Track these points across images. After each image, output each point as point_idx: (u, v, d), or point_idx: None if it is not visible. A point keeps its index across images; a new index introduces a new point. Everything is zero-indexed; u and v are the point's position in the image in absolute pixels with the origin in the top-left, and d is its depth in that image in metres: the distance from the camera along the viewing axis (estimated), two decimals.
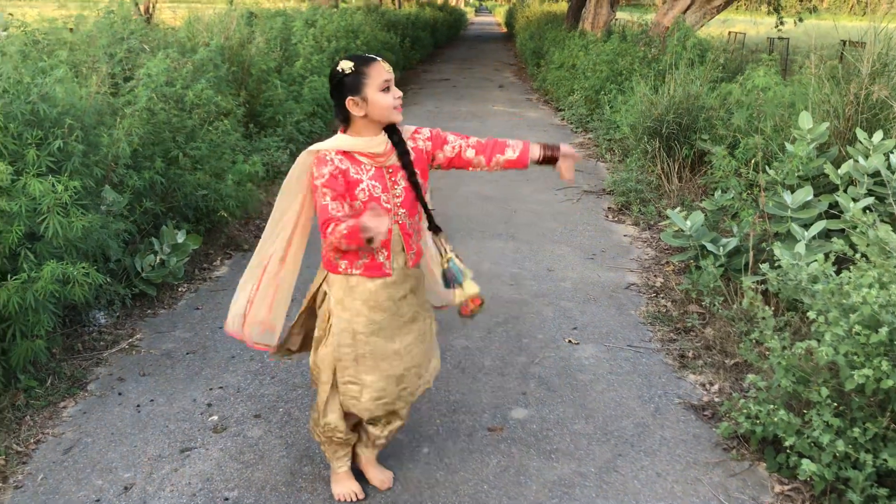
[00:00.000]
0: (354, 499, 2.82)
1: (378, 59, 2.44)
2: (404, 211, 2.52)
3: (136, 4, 9.70)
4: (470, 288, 2.65)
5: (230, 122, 5.97)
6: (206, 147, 5.34)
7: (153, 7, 10.67)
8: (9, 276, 3.28)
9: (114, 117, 4.58)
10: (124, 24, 5.85)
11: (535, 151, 2.61)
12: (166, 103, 5.16)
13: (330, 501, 2.84)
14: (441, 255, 2.69)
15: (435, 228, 2.68)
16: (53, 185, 3.37)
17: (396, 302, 2.57)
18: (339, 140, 2.45)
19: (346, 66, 2.41)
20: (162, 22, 9.02)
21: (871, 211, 4.45)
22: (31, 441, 3.20)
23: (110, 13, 5.76)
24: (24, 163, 3.44)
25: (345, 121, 2.47)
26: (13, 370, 3.48)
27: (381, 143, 2.45)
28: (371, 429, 2.78)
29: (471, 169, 2.63)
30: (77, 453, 3.13)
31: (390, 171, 2.50)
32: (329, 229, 2.33)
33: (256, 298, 2.67)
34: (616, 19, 17.12)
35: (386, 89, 2.40)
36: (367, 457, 2.90)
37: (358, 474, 2.91)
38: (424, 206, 2.61)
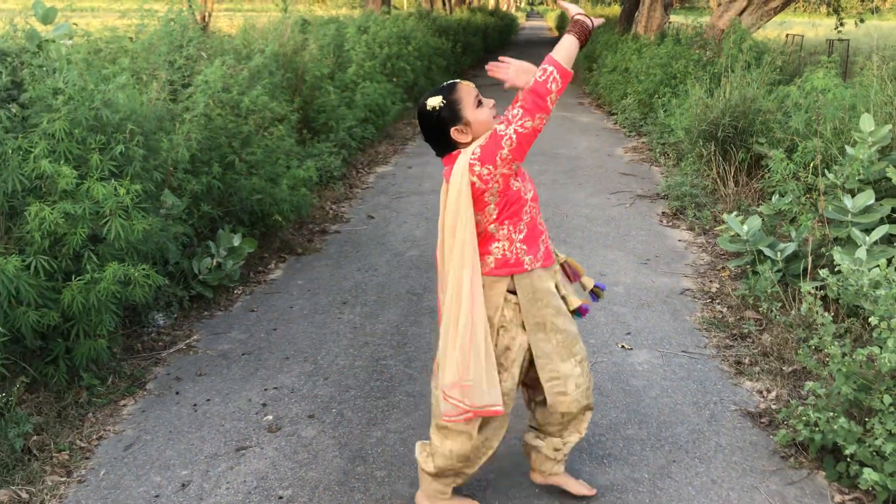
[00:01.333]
0: None
1: (457, 81, 2.48)
2: (536, 207, 2.55)
3: (194, 13, 9.92)
4: (588, 282, 2.83)
5: (284, 128, 6.07)
6: (262, 152, 5.44)
7: (209, 16, 10.90)
8: (73, 276, 3.38)
9: (173, 123, 4.68)
10: (183, 33, 5.99)
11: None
12: (223, 109, 5.26)
13: (382, 501, 2.86)
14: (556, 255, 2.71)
15: None
16: (115, 189, 3.46)
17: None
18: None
19: (435, 102, 2.42)
20: (218, 30, 9.20)
21: None
22: (94, 437, 3.29)
23: (170, 22, 5.89)
24: (87, 167, 3.54)
25: (451, 151, 2.48)
26: (76, 368, 3.58)
27: None
28: (571, 437, 2.77)
29: None
30: (137, 450, 3.21)
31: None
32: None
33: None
34: (670, 22, 16.90)
35: (479, 104, 2.43)
36: (562, 472, 2.88)
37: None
38: None
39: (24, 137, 3.45)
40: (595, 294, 2.86)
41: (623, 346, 4.15)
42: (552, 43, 33.82)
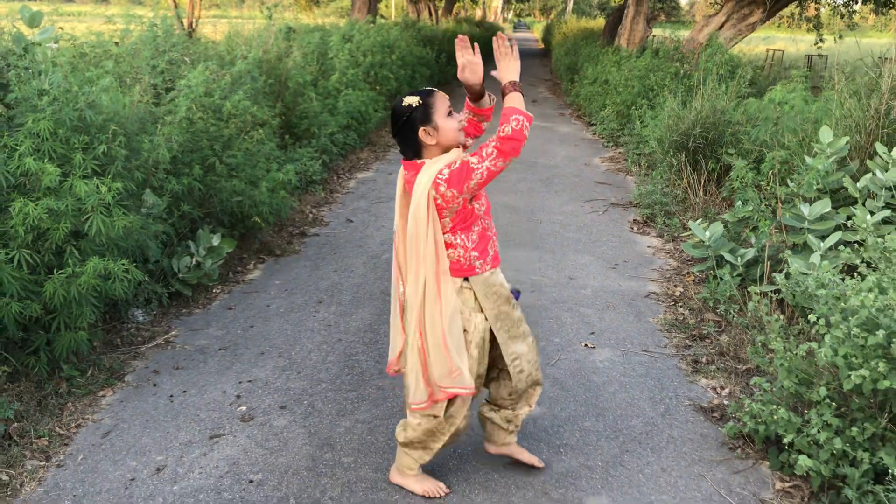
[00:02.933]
0: (443, 494, 2.96)
1: (435, 90, 2.66)
2: (488, 219, 2.77)
3: (179, 19, 10.07)
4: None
5: (265, 132, 6.21)
6: (242, 155, 5.58)
7: (196, 22, 11.04)
8: (55, 270, 3.51)
9: (155, 125, 4.82)
10: (167, 38, 6.13)
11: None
12: (205, 113, 5.40)
13: (348, 485, 3.00)
14: None
15: None
16: (97, 187, 3.60)
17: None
18: (447, 158, 2.63)
19: (412, 100, 2.61)
20: (203, 36, 9.34)
21: (888, 223, 4.53)
22: (73, 425, 3.42)
23: (153, 27, 6.03)
24: (70, 165, 3.68)
25: (416, 154, 2.66)
26: (57, 360, 3.71)
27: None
28: (522, 409, 3.01)
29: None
30: (114, 437, 3.34)
31: None
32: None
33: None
34: (653, 36, 17.17)
35: (450, 114, 2.63)
36: (513, 443, 3.12)
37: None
38: None
39: (10, 136, 3.58)
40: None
41: (586, 345, 4.32)
42: (540, 55, 33.80)
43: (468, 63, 2.60)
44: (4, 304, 3.30)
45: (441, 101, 2.63)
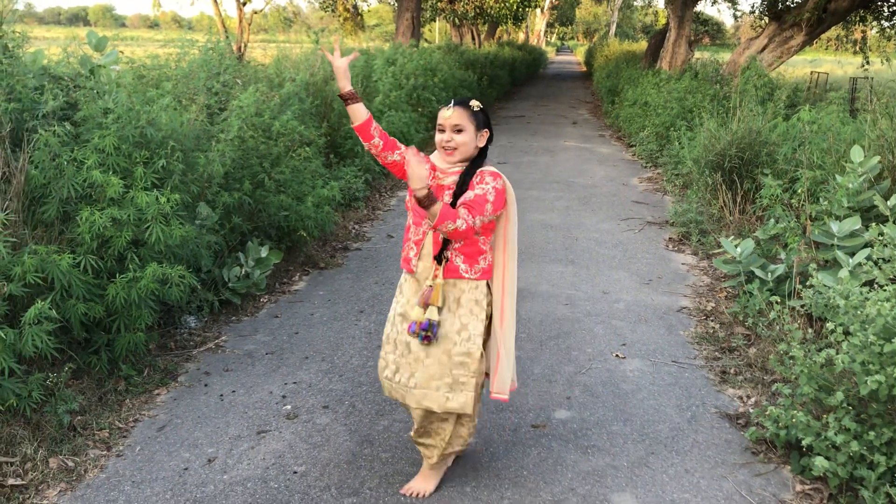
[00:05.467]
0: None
1: (451, 106, 2.87)
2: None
3: (230, 44, 10.47)
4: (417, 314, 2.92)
5: (312, 151, 6.49)
6: (290, 172, 5.85)
7: (245, 46, 11.47)
8: (117, 275, 3.79)
9: (209, 142, 5.11)
10: (220, 61, 6.46)
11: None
12: (255, 132, 5.69)
13: (385, 478, 3.19)
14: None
15: (438, 258, 2.90)
16: (157, 198, 3.88)
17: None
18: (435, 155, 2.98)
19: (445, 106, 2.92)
20: (253, 59, 9.72)
21: None
22: (130, 420, 3.67)
23: (209, 51, 6.37)
24: (132, 178, 3.96)
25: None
26: (116, 360, 3.98)
27: (449, 165, 2.90)
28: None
29: None
30: (168, 431, 3.58)
31: (444, 187, 2.88)
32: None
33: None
34: (696, 59, 17.24)
35: (441, 130, 2.87)
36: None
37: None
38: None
39: (79, 150, 3.88)
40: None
41: (617, 355, 4.46)
42: (581, 77, 34.00)
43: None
44: (71, 306, 3.57)
45: (441, 115, 2.87)
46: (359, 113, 2.87)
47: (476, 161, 2.89)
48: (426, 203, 2.61)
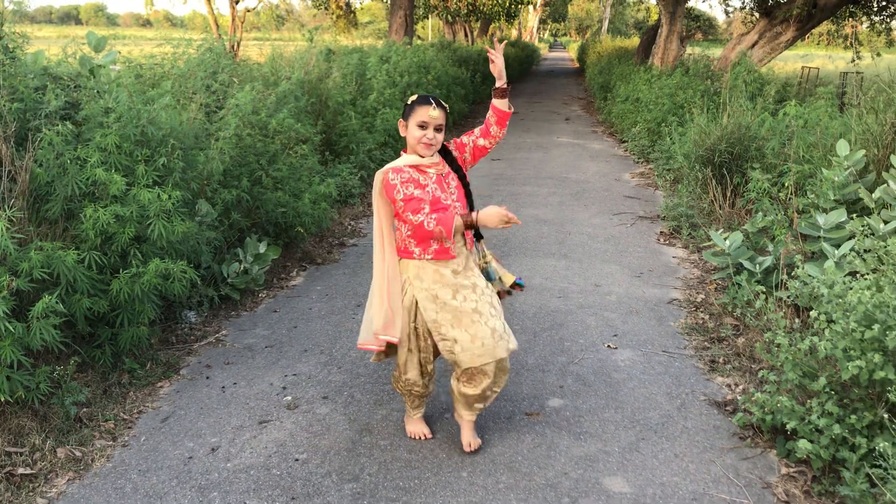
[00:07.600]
0: (423, 437, 3.50)
1: (430, 103, 3.11)
2: (459, 205, 3.17)
3: (224, 43, 10.53)
4: (507, 279, 3.33)
5: (308, 149, 6.59)
6: (286, 169, 5.95)
7: (238, 44, 11.53)
8: (120, 271, 3.88)
9: (208, 140, 5.20)
10: (217, 61, 6.54)
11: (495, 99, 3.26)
12: (252, 130, 5.79)
13: (384, 464, 3.30)
14: (480, 257, 3.34)
15: (478, 236, 3.35)
16: (159, 195, 3.97)
17: (457, 275, 3.17)
18: (407, 158, 3.16)
19: (412, 98, 3.16)
20: (248, 58, 9.80)
21: None
22: (135, 411, 3.77)
23: (207, 51, 6.45)
24: (134, 176, 4.05)
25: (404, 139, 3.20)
26: (120, 354, 4.07)
27: (435, 158, 3.18)
28: (465, 389, 3.25)
29: (487, 151, 3.38)
30: (172, 422, 3.68)
31: (445, 176, 3.19)
32: (422, 214, 2.96)
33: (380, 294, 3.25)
34: (688, 54, 17.36)
35: (421, 127, 3.10)
36: (466, 419, 3.40)
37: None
38: (470, 201, 3.27)
39: (82, 149, 3.97)
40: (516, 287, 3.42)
41: (609, 346, 4.57)
42: (574, 74, 34.07)
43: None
44: (76, 300, 3.66)
45: (422, 112, 3.09)
46: (504, 104, 3.25)
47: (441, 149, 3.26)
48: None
